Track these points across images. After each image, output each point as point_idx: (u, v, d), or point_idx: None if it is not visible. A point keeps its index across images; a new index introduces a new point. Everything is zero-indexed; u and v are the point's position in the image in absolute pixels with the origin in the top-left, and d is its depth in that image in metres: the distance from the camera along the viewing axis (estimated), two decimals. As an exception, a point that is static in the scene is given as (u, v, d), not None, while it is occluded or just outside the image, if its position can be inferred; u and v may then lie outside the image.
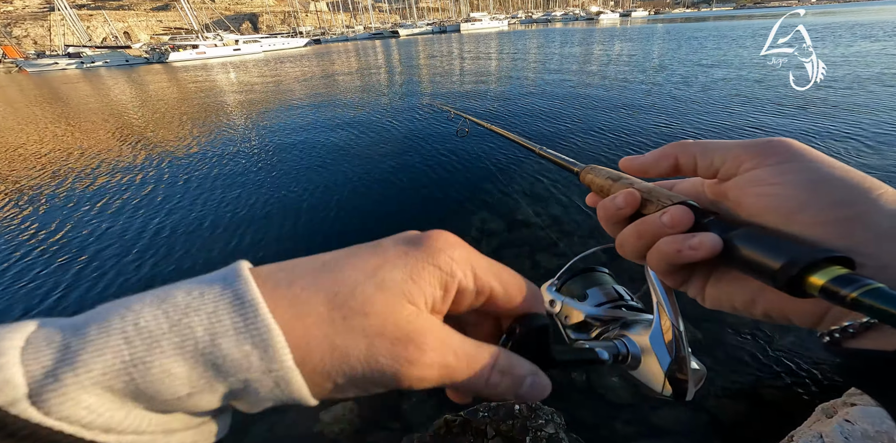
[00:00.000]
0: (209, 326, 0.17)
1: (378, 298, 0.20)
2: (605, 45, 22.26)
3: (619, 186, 0.32)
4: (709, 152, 0.27)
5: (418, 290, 0.21)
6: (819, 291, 0.19)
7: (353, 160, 5.48)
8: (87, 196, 4.92)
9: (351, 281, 0.20)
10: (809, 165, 0.23)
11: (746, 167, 0.25)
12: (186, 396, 0.17)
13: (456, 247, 0.23)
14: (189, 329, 0.17)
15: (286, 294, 0.19)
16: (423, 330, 0.20)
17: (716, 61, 12.05)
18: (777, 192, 0.23)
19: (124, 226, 4.03)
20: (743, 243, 0.23)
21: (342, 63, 23.00)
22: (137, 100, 13.84)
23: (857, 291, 0.18)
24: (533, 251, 3.08)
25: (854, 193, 0.22)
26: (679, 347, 0.30)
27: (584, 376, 2.00)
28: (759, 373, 1.95)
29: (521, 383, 0.23)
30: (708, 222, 0.25)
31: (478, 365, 0.21)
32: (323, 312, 0.19)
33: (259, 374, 0.18)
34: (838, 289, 0.18)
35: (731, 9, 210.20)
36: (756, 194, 0.24)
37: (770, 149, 0.25)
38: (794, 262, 0.20)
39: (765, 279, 0.21)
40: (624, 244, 0.29)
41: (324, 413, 1.97)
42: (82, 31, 77.95)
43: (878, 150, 4.46)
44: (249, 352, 0.17)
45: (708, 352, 2.05)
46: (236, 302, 0.18)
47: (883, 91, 6.81)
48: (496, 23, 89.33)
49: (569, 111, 7.11)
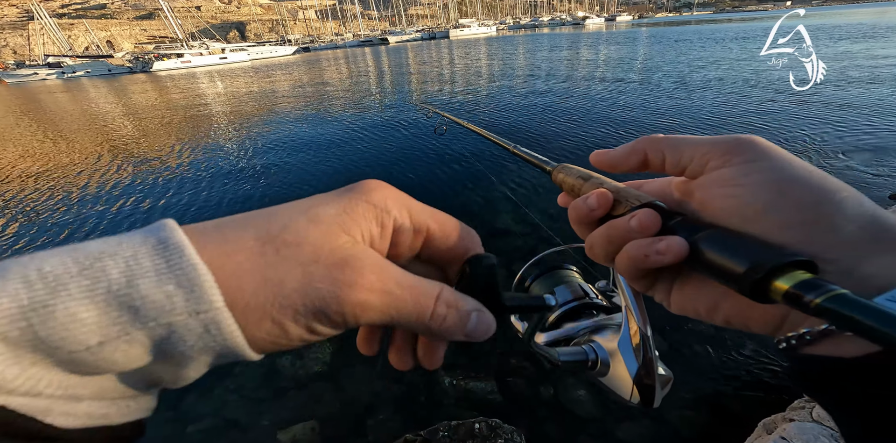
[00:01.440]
0: (125, 269, 0.16)
1: (312, 229, 0.19)
2: (592, 48, 22.64)
3: (589, 185, 0.31)
4: (677, 149, 0.27)
5: (353, 223, 0.21)
6: (783, 297, 0.19)
7: (336, 159, 5.53)
8: (65, 210, 4.79)
9: (283, 218, 0.20)
10: (774, 165, 0.23)
11: (713, 165, 0.25)
12: (97, 345, 0.15)
13: (389, 188, 0.23)
14: (102, 273, 0.15)
15: (214, 236, 0.18)
16: (361, 255, 0.20)
17: (706, 62, 12.33)
18: (741, 193, 0.23)
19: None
20: (708, 247, 0.22)
21: (331, 70, 22.99)
22: (118, 110, 13.61)
23: (821, 298, 0.17)
24: (510, 252, 3.06)
25: (818, 195, 0.21)
26: (647, 351, 0.29)
27: (550, 390, 1.97)
28: (718, 383, 1.94)
29: (467, 318, 0.22)
30: (674, 224, 0.25)
31: (422, 296, 0.21)
32: (253, 246, 0.18)
33: (185, 317, 0.16)
34: (802, 295, 0.18)
35: (711, 12, 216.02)
36: (722, 195, 0.24)
37: (737, 147, 0.25)
38: (759, 266, 0.19)
39: (729, 283, 0.21)
40: (594, 247, 0.28)
41: (282, 433, 1.90)
42: (63, 40, 76.83)
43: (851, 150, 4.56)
44: (173, 292, 0.16)
45: (671, 363, 2.04)
46: (159, 246, 0.17)
47: (862, 91, 7.00)
48: (485, 28, 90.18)
49: (551, 112, 7.20)
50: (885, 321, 0.15)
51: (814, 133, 5.17)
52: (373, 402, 2.05)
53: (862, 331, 0.16)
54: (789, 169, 0.23)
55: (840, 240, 0.20)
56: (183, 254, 0.17)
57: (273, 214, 0.20)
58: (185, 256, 0.17)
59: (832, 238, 0.20)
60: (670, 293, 0.27)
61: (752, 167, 0.23)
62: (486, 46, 33.90)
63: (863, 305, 0.16)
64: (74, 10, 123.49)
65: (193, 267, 0.16)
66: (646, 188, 0.31)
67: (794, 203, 0.22)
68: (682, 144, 0.27)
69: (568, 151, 5.15)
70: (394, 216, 0.22)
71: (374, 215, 0.22)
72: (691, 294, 0.26)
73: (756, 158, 0.24)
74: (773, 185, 0.22)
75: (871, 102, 6.32)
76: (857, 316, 0.16)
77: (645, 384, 0.29)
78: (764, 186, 0.23)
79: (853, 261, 0.20)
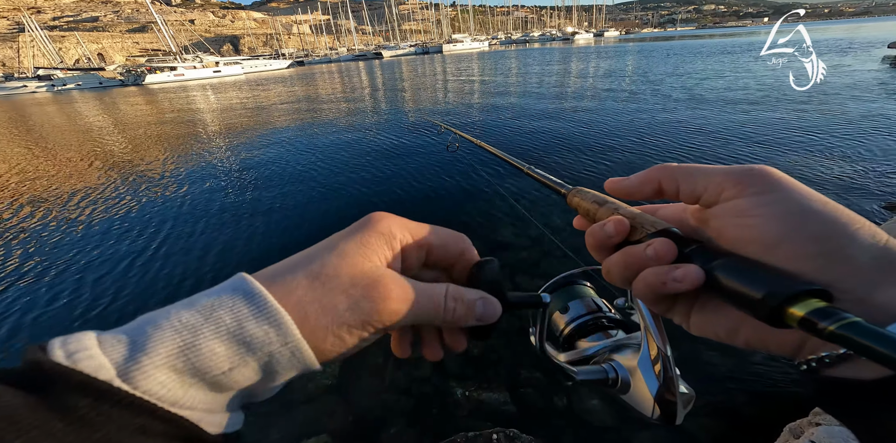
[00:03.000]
0: (234, 315, 0.22)
1: (342, 263, 0.25)
2: (587, 62, 23.28)
3: (604, 210, 0.32)
4: (691, 178, 0.28)
5: (371, 251, 0.26)
6: (798, 323, 0.19)
7: (339, 176, 5.48)
8: (53, 224, 4.71)
9: (319, 257, 0.26)
10: (788, 196, 0.24)
11: (727, 196, 0.26)
12: (229, 370, 0.22)
13: (390, 217, 0.29)
14: (220, 319, 0.22)
15: (278, 282, 0.24)
16: (385, 275, 0.26)
17: (705, 76, 12.75)
18: (757, 224, 0.24)
19: (96, 257, 3.85)
20: (724, 274, 0.23)
21: (325, 84, 23.22)
22: (105, 124, 13.50)
23: (835, 325, 0.18)
24: (516, 269, 3.07)
25: (832, 228, 0.22)
26: (667, 370, 0.30)
27: (564, 400, 1.97)
28: (736, 390, 1.96)
29: (473, 305, 0.28)
30: (690, 252, 0.25)
31: (434, 296, 0.27)
32: (306, 284, 0.24)
33: (278, 346, 0.22)
34: (817, 321, 0.19)
35: (693, 28, 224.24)
36: (737, 225, 0.25)
37: (750, 178, 0.25)
38: (775, 294, 0.20)
39: (746, 310, 0.22)
40: (611, 272, 0.29)
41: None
42: (54, 52, 76.51)
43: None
44: (268, 330, 0.22)
45: (686, 372, 2.05)
46: (248, 297, 0.23)
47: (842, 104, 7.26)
48: (477, 44, 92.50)
49: (555, 126, 7.27)
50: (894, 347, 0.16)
51: (811, 140, 5.35)
52: (385, 415, 2.02)
53: (874, 356, 0.17)
54: (803, 201, 0.24)
55: (853, 270, 0.21)
56: (266, 301, 0.23)
57: (311, 256, 0.26)
58: (268, 303, 0.23)
59: (846, 269, 0.21)
60: (689, 317, 0.28)
61: (766, 199, 0.24)
62: (479, 61, 34.63)
63: (874, 333, 0.17)
64: (66, 23, 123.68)
65: (276, 310, 0.23)
66: (661, 213, 0.32)
67: (809, 235, 0.22)
68: (697, 174, 0.28)
69: (578, 168, 5.14)
70: (399, 239, 0.28)
71: (385, 242, 0.27)
72: (710, 318, 0.26)
73: (770, 189, 0.24)
74: (788, 217, 0.23)
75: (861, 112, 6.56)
76: (870, 342, 0.17)
77: (667, 401, 0.30)
78: (779, 218, 0.23)
79: (867, 290, 0.21)
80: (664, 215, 0.32)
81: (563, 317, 0.42)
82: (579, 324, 0.41)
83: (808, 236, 0.22)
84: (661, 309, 0.29)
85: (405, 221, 0.29)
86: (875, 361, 0.17)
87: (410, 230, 0.29)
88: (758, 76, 11.95)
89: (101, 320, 2.90)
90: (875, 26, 64.00)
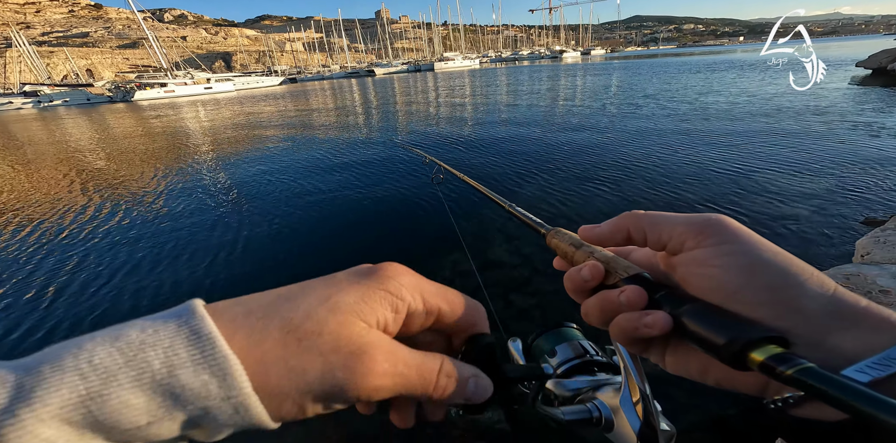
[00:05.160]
0: (165, 359, 0.18)
1: (331, 319, 0.22)
2: (576, 79, 23.80)
3: (581, 254, 0.34)
4: (656, 228, 0.29)
5: (370, 310, 0.23)
6: (758, 367, 0.21)
7: (324, 203, 5.42)
8: (32, 244, 4.64)
9: (305, 307, 0.22)
10: (743, 248, 0.26)
11: (689, 246, 0.27)
12: (146, 424, 0.18)
13: (405, 274, 0.26)
14: (145, 363, 0.18)
15: (243, 324, 0.21)
16: (375, 343, 0.22)
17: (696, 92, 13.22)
18: (716, 274, 0.26)
19: (71, 275, 3.80)
20: (691, 320, 0.25)
21: (317, 101, 23.37)
22: (87, 140, 13.37)
23: (791, 370, 0.19)
24: (509, 288, 3.13)
25: (784, 279, 0.24)
26: (648, 409, 0.31)
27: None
28: (724, 404, 2.01)
29: (465, 384, 0.26)
30: (660, 298, 0.27)
31: (426, 371, 0.24)
32: (278, 337, 0.21)
33: (218, 401, 0.19)
34: (775, 366, 0.20)
35: (674, 47, 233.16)
36: (699, 274, 0.27)
37: (708, 228, 0.27)
38: (735, 340, 0.22)
39: (711, 353, 0.23)
40: (589, 315, 0.31)
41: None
42: (42, 68, 76.13)
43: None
44: (207, 381, 0.19)
45: (670, 386, 2.11)
46: (192, 337, 0.19)
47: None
48: (468, 61, 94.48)
49: (540, 158, 7.02)
50: (846, 392, 0.18)
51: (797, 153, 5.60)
52: (378, 435, 2.02)
53: (828, 400, 0.18)
54: (757, 252, 0.25)
55: (805, 318, 0.23)
56: (215, 345, 0.19)
57: (296, 301, 0.22)
58: (216, 347, 0.19)
59: (799, 317, 0.23)
60: (664, 357, 0.29)
61: (723, 249, 0.26)
62: (470, 79, 35.41)
63: (827, 378, 0.19)
64: (56, 38, 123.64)
65: (225, 358, 0.19)
66: (634, 257, 0.34)
67: (763, 285, 0.24)
68: (661, 223, 0.29)
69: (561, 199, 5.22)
70: (408, 303, 0.25)
71: (389, 303, 0.24)
72: (682, 359, 0.28)
73: (726, 240, 0.26)
74: (743, 268, 0.25)
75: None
76: (823, 386, 0.18)
77: (649, 439, 0.31)
78: (735, 269, 0.25)
79: (819, 336, 0.22)
80: (636, 259, 0.33)
81: (552, 361, 0.43)
82: (568, 368, 0.42)
83: (763, 286, 0.24)
84: (637, 350, 0.30)
85: (421, 281, 0.27)
86: (828, 403, 0.18)
87: (423, 293, 0.26)
88: (747, 90, 12.46)
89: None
90: (841, 45, 67.42)
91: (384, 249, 4.00)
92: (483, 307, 0.30)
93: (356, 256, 3.85)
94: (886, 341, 0.21)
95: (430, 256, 3.74)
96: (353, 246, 4.11)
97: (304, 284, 0.24)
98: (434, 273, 3.42)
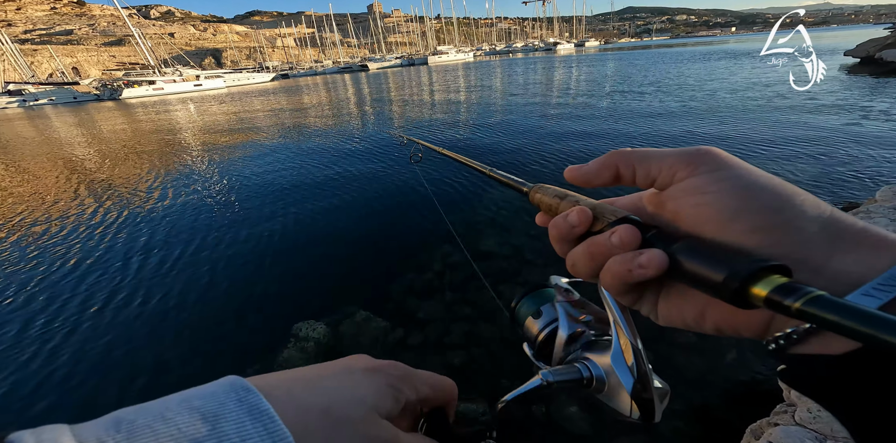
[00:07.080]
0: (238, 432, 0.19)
1: (356, 411, 0.24)
2: (574, 70, 23.88)
3: (566, 203, 0.33)
4: (645, 162, 0.28)
5: (382, 402, 0.26)
6: (763, 302, 0.19)
7: (310, 197, 5.39)
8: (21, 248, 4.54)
9: (337, 397, 0.25)
10: (737, 173, 0.25)
11: (681, 176, 0.27)
12: None
13: (403, 371, 0.29)
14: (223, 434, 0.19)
15: (290, 406, 0.22)
16: (393, 436, 0.25)
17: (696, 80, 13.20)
18: (711, 200, 0.25)
19: (64, 283, 3.73)
20: (685, 257, 0.23)
21: (308, 97, 23.14)
22: (78, 140, 13.20)
23: (800, 301, 0.18)
24: (496, 281, 3.09)
25: (780, 201, 0.23)
26: (640, 365, 0.30)
27: (543, 409, 1.97)
28: (705, 392, 1.98)
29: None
30: (650, 237, 0.26)
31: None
32: (320, 419, 0.23)
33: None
34: (781, 299, 0.19)
35: (667, 38, 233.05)
36: (692, 204, 0.26)
37: (700, 157, 0.26)
38: (735, 274, 0.20)
39: (710, 292, 0.22)
40: (576, 264, 0.30)
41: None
42: (25, 66, 74.56)
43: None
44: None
45: (656, 373, 2.10)
46: (253, 413, 0.20)
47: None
48: (462, 55, 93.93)
49: (526, 132, 7.40)
50: (862, 320, 0.16)
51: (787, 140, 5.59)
52: None
53: (842, 330, 0.17)
54: (751, 177, 0.25)
55: (806, 241, 0.22)
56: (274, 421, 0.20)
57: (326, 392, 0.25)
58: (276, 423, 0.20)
59: (799, 240, 0.22)
60: (657, 306, 0.28)
61: (717, 175, 0.25)
62: (463, 72, 35.19)
63: (841, 306, 0.17)
64: (39, 36, 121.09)
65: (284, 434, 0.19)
66: (619, 204, 0.32)
67: (760, 208, 0.23)
68: (651, 157, 0.28)
69: (541, 171, 5.33)
70: (406, 395, 0.28)
71: (393, 397, 0.27)
72: (677, 305, 0.27)
73: (720, 167, 0.26)
74: (739, 192, 0.24)
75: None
76: (837, 317, 0.17)
77: (643, 399, 0.30)
78: (731, 193, 0.24)
79: (820, 259, 0.21)
80: (622, 206, 0.32)
81: (536, 323, 0.41)
82: (553, 329, 0.40)
83: (761, 208, 0.23)
84: (629, 300, 0.29)
85: (412, 373, 0.30)
86: (843, 335, 0.17)
87: (414, 384, 0.29)
88: (743, 80, 12.47)
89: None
90: (834, 35, 67.77)
91: (371, 236, 3.96)
92: (451, 382, 0.32)
93: (340, 248, 3.80)
94: (887, 261, 0.20)
95: (413, 231, 3.69)
96: (337, 236, 4.04)
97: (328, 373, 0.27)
98: (419, 249, 3.43)
